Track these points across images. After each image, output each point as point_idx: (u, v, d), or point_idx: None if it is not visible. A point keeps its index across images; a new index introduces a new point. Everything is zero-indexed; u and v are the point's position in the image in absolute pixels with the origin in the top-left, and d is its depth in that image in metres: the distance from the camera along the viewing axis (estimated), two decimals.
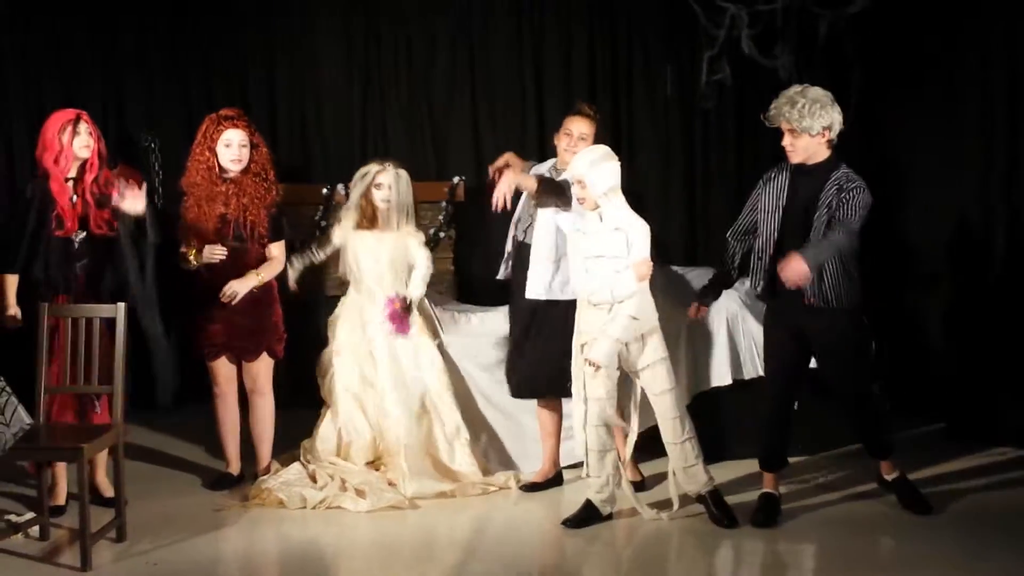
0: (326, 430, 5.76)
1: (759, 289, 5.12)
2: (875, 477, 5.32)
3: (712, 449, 5.39)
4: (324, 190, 7.01)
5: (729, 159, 7.29)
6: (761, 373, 5.82)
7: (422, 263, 5.74)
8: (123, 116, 7.13)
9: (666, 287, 5.77)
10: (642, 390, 5.13)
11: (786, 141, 5.00)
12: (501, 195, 5.28)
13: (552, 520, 5.24)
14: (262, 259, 5.61)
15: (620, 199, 5.03)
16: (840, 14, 6.72)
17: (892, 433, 5.34)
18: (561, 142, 5.47)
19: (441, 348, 5.83)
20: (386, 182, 5.71)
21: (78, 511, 4.71)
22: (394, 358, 5.68)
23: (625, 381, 5.15)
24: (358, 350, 5.72)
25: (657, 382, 5.05)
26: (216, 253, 5.44)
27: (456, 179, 7.06)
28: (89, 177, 5.25)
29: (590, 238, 5.03)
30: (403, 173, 5.77)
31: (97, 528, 4.76)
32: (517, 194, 5.45)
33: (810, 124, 4.91)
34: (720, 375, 5.82)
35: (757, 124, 7.21)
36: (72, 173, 5.25)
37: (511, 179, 5.30)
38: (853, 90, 6.77)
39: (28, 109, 7.02)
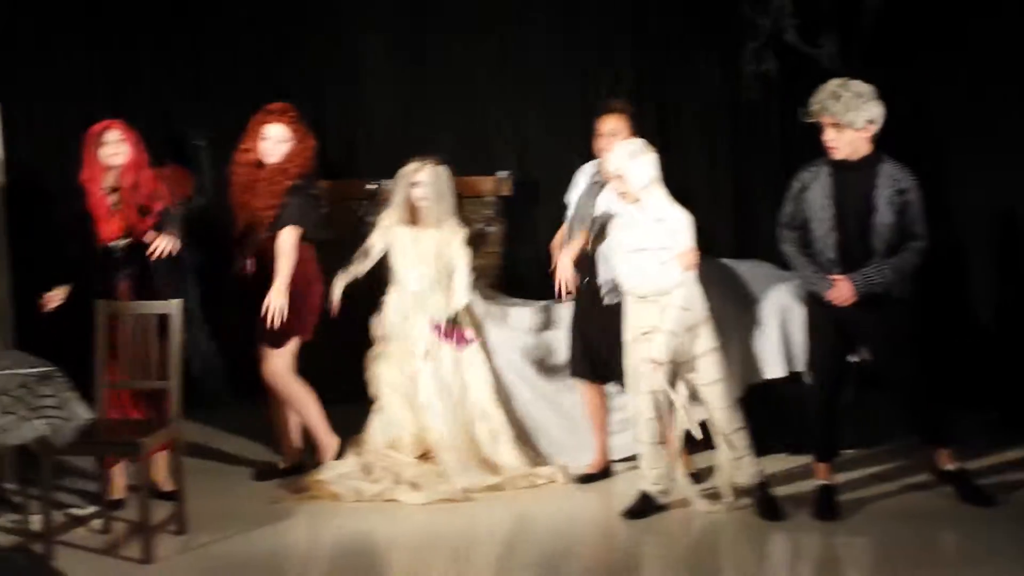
0: (375, 428, 5.80)
1: (818, 283, 5.03)
2: (930, 468, 5.28)
3: (763, 441, 5.36)
4: (369, 186, 7.05)
5: (774, 151, 7.26)
6: None
7: (462, 268, 5.74)
8: (172, 117, 7.19)
9: (720, 280, 5.76)
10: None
11: (829, 136, 4.94)
12: (562, 283, 5.33)
13: (607, 512, 5.26)
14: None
15: (661, 191, 5.03)
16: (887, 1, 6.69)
17: (950, 422, 5.28)
18: (597, 143, 5.49)
19: (484, 345, 5.86)
20: (424, 180, 5.73)
21: (138, 505, 4.77)
22: (434, 356, 5.71)
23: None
24: (400, 347, 5.76)
25: (708, 372, 5.05)
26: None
27: (503, 173, 7.07)
28: (125, 183, 5.31)
29: (632, 231, 5.04)
30: (443, 170, 5.79)
31: (158, 521, 4.81)
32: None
33: (854, 118, 4.87)
34: (773, 368, 5.79)
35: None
36: (109, 182, 5.31)
37: (565, 264, 5.34)
38: (901, 78, 6.73)
39: (79, 111, 7.08)
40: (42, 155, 7.09)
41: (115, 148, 5.30)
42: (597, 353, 5.49)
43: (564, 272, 5.36)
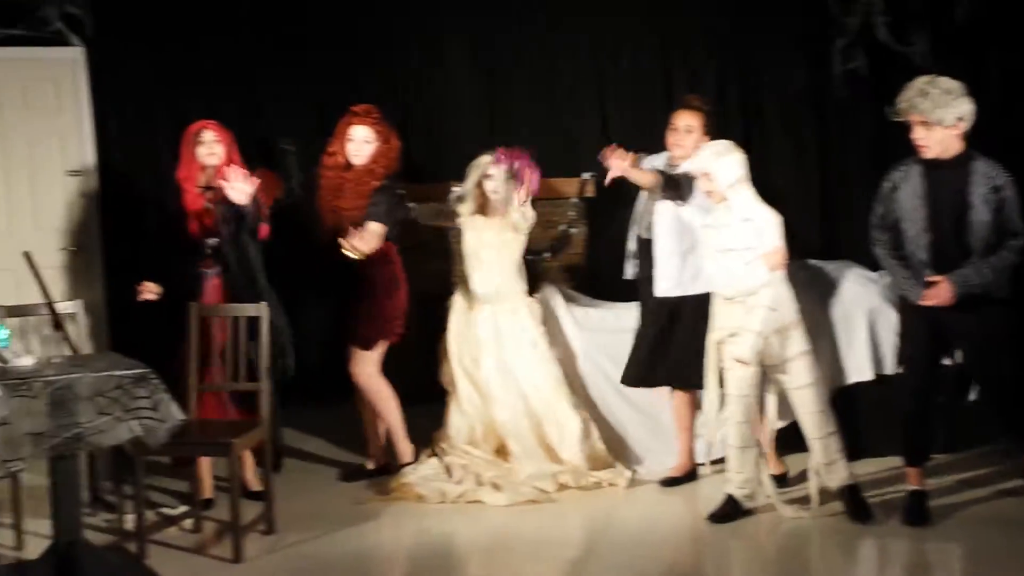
0: (455, 418, 5.85)
1: (910, 290, 4.94)
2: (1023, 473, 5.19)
3: (851, 445, 5.27)
4: (455, 188, 7.08)
5: (864, 150, 7.14)
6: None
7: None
8: (261, 121, 7.29)
9: (808, 281, 5.70)
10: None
11: (918, 135, 4.84)
12: (614, 174, 5.25)
13: (691, 515, 5.24)
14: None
15: (748, 190, 5.00)
16: None
17: None
18: (669, 137, 5.46)
19: (552, 339, 5.87)
20: (496, 173, 5.78)
21: (228, 504, 4.86)
22: (499, 343, 5.76)
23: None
24: (467, 334, 5.81)
25: (799, 376, 5.00)
26: None
27: (586, 175, 7.06)
28: (219, 184, 5.40)
29: (720, 231, 5.01)
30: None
31: (247, 521, 4.90)
32: (635, 190, 5.47)
33: (943, 115, 4.76)
34: (861, 370, 5.72)
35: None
36: (204, 181, 5.45)
37: (623, 164, 5.24)
38: (992, 76, 6.60)
39: (170, 116, 7.21)
40: (134, 161, 7.25)
41: (210, 148, 5.44)
42: (685, 361, 5.42)
43: (618, 167, 5.22)
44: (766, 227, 4.94)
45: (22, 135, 6.98)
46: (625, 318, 5.98)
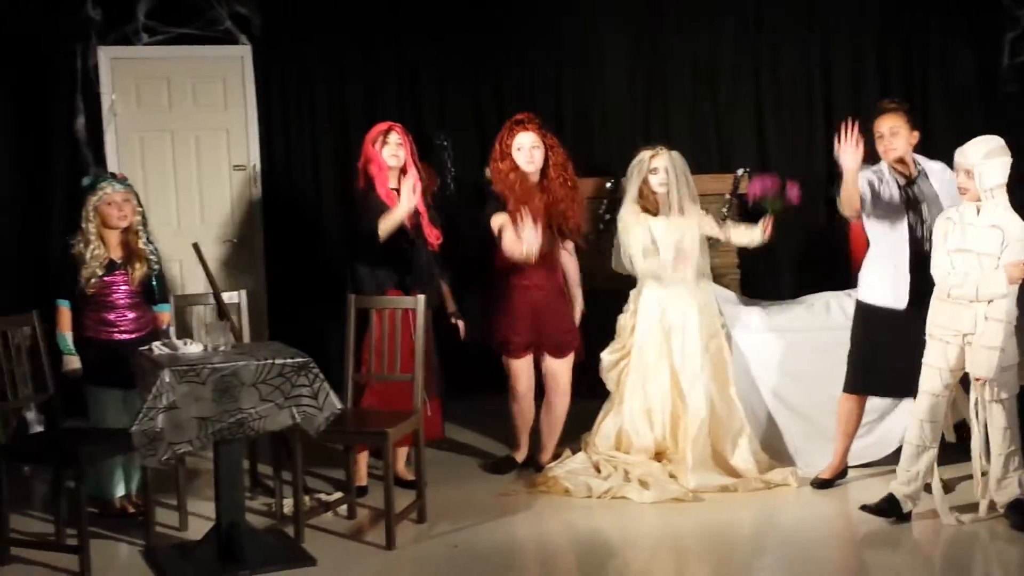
0: (607, 427, 5.81)
1: None
2: None
3: None
4: (608, 184, 7.09)
5: None
6: None
7: (739, 228, 5.87)
8: (418, 116, 7.42)
9: None
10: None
11: None
12: (848, 164, 5.05)
13: (841, 517, 5.15)
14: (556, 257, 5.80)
15: (1004, 197, 4.81)
16: None
17: None
18: (879, 145, 5.31)
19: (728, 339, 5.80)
20: (661, 166, 5.70)
21: (381, 492, 4.96)
22: (694, 349, 5.65)
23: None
24: (657, 345, 5.70)
25: (999, 388, 4.84)
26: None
27: (740, 171, 6.98)
28: (415, 187, 5.48)
29: (963, 230, 4.85)
30: (676, 154, 5.75)
31: (399, 509, 5.01)
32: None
33: None
34: None
35: None
36: (392, 183, 5.54)
37: (857, 158, 5.06)
38: None
39: (331, 113, 7.41)
40: (295, 156, 7.46)
41: (394, 150, 5.53)
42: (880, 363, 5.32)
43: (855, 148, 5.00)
44: (1015, 239, 4.76)
45: (191, 131, 7.29)
46: (782, 318, 5.89)
